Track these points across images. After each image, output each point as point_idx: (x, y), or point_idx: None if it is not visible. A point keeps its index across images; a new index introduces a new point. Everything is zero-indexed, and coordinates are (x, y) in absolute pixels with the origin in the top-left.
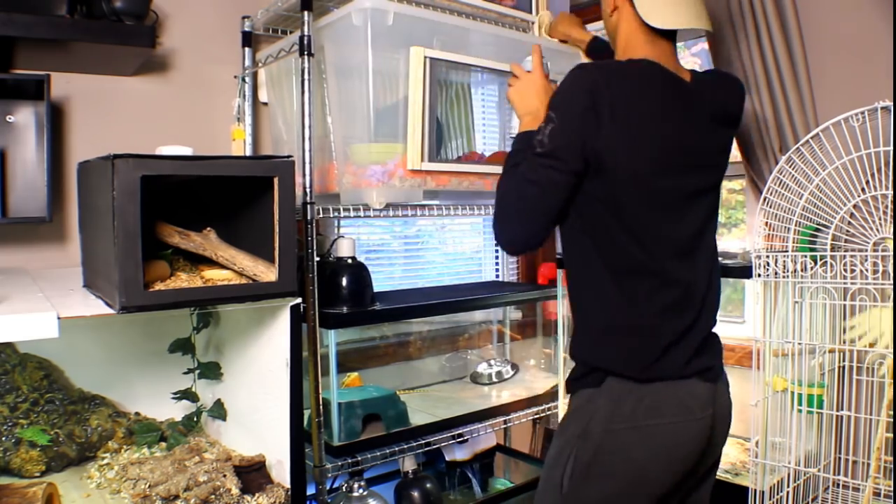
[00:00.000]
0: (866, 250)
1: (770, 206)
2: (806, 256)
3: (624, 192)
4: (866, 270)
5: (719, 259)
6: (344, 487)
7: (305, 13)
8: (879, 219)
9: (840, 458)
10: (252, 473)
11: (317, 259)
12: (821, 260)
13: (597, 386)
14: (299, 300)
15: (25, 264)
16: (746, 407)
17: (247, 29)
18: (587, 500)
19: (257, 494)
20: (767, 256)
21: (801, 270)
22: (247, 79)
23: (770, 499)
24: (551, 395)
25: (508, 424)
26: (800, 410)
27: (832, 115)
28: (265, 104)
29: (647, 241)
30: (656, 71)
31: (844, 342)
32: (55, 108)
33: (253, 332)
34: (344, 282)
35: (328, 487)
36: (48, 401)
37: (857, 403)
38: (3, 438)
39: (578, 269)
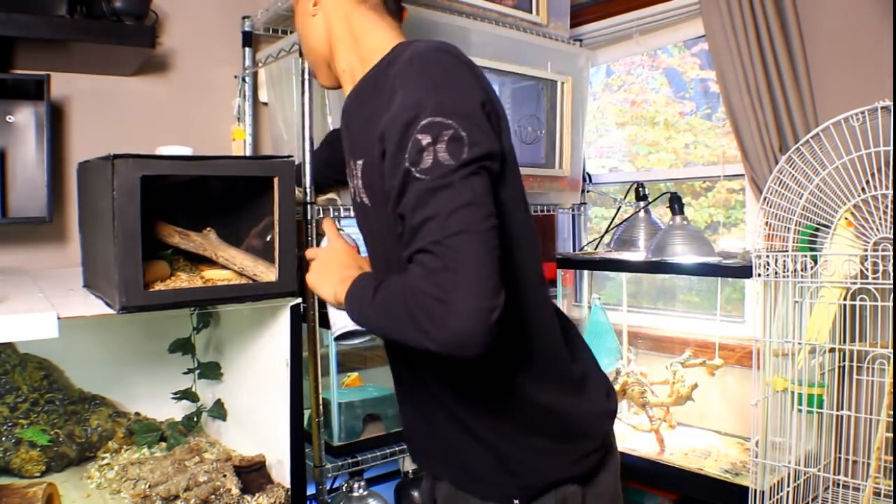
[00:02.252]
0: (866, 250)
1: (770, 206)
2: (806, 256)
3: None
4: (866, 270)
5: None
6: (344, 487)
7: None
8: (879, 219)
9: (840, 458)
10: (252, 473)
11: None
12: (821, 259)
13: None
14: (299, 300)
15: (25, 264)
16: (746, 407)
17: (247, 29)
18: None
19: (257, 494)
20: (767, 256)
21: (801, 270)
22: (247, 79)
23: (770, 499)
24: None
25: None
26: (800, 410)
27: (832, 115)
28: (265, 104)
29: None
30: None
31: (844, 342)
32: (55, 108)
33: (253, 332)
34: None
35: (328, 487)
36: (48, 401)
37: (857, 403)
38: (3, 438)
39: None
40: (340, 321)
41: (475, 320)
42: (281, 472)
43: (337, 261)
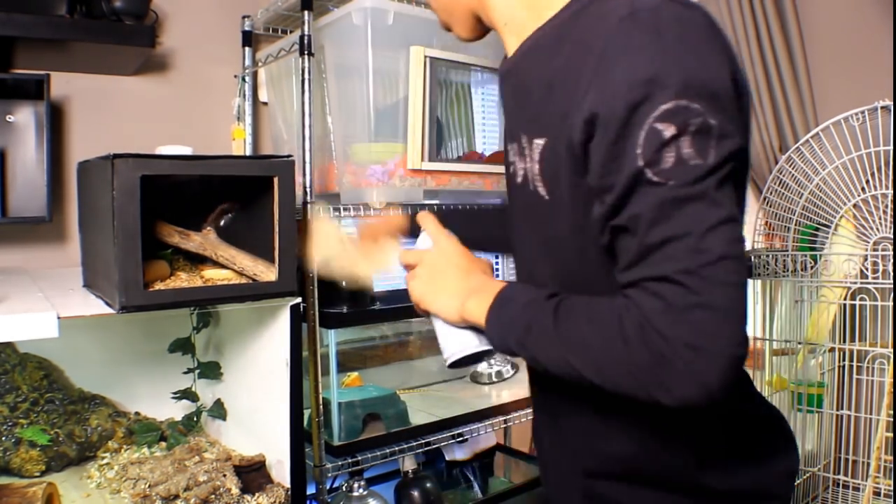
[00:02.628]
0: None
1: (770, 206)
2: (806, 256)
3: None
4: (866, 270)
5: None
6: (344, 487)
7: (305, 13)
8: (879, 218)
9: (840, 458)
10: (252, 473)
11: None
12: (821, 259)
13: None
14: (299, 300)
15: (25, 264)
16: None
17: (247, 28)
18: None
19: (257, 494)
20: (767, 256)
21: (801, 270)
22: (247, 78)
23: None
24: None
25: (508, 424)
26: (800, 410)
27: (832, 115)
28: (265, 104)
29: None
30: None
31: (844, 342)
32: (55, 108)
33: (253, 332)
34: (344, 281)
35: (328, 487)
36: (48, 401)
37: (857, 403)
38: (3, 438)
39: None
40: (456, 343)
41: (732, 371)
42: (281, 471)
43: (456, 265)
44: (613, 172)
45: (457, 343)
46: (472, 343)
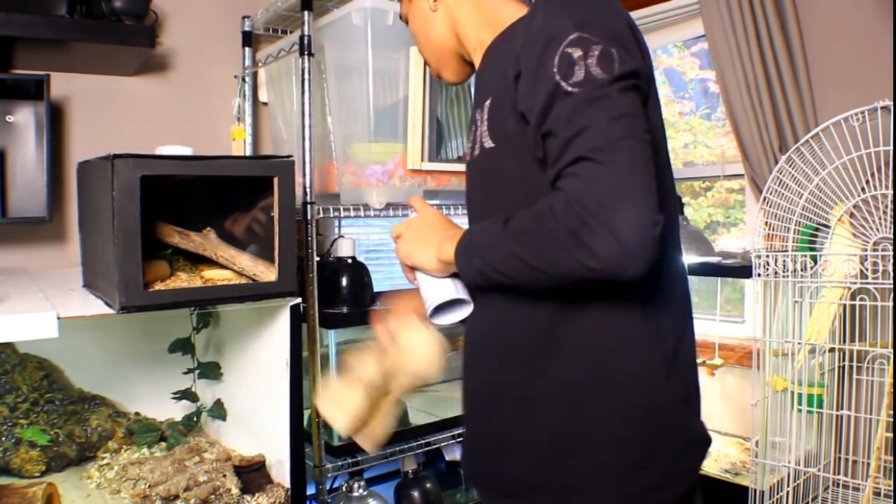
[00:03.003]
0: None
1: (770, 206)
2: (806, 256)
3: None
4: (866, 270)
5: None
6: (344, 487)
7: (305, 13)
8: (879, 219)
9: (840, 458)
10: (252, 473)
11: (317, 259)
12: (821, 259)
13: None
14: (299, 300)
15: (25, 264)
16: (746, 407)
17: (247, 29)
18: None
19: (257, 494)
20: (767, 256)
21: (801, 270)
22: (247, 78)
23: (770, 498)
24: None
25: None
26: (800, 410)
27: (832, 115)
28: (265, 104)
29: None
30: None
31: (844, 342)
32: (55, 108)
33: (253, 332)
34: (344, 282)
35: (328, 487)
36: (48, 401)
37: (857, 403)
38: (3, 438)
39: None
40: (436, 291)
41: (645, 230)
42: (281, 472)
43: (434, 225)
44: (538, 92)
45: (437, 291)
46: (449, 290)
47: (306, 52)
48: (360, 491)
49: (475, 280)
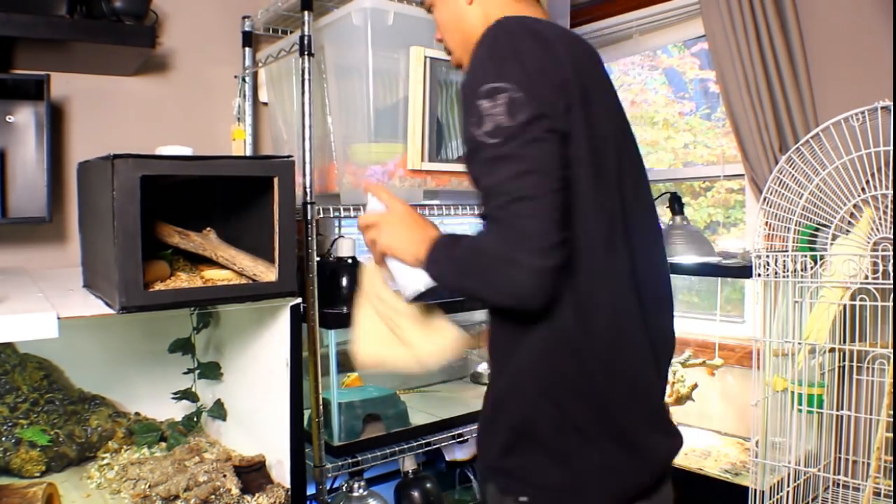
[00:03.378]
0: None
1: (770, 206)
2: (806, 256)
3: None
4: (866, 270)
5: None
6: (344, 487)
7: (305, 13)
8: (879, 219)
9: (840, 458)
10: (252, 473)
11: (317, 259)
12: (821, 259)
13: None
14: (299, 300)
15: (25, 264)
16: (746, 407)
17: (247, 29)
18: None
19: (257, 494)
20: (767, 256)
21: (801, 270)
22: (247, 79)
23: (770, 498)
24: None
25: None
26: (800, 410)
27: (832, 115)
28: (265, 104)
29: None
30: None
31: (844, 342)
32: (55, 108)
33: (253, 332)
34: (344, 282)
35: (328, 487)
36: (48, 401)
37: (857, 403)
38: (3, 438)
39: None
40: (414, 280)
41: (536, 278)
42: (281, 472)
43: (410, 222)
44: (466, 140)
45: (414, 280)
46: (424, 279)
47: (306, 53)
48: (360, 491)
49: (441, 284)
